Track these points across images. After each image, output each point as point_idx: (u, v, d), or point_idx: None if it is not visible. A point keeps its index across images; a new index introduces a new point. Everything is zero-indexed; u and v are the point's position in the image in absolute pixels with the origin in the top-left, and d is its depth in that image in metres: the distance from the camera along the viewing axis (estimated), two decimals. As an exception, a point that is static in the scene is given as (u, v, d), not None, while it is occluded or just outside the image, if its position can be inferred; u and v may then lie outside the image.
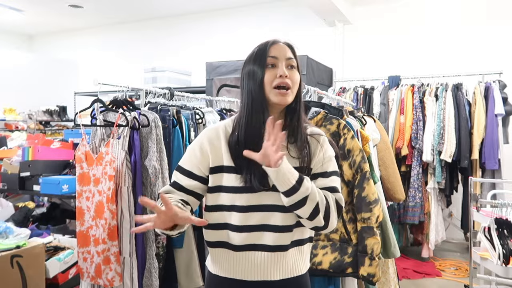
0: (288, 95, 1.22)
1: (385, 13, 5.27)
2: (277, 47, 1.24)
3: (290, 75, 1.22)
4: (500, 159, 3.96)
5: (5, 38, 7.93)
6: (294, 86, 1.23)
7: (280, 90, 1.21)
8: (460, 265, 4.05)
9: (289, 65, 1.24)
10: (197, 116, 2.69)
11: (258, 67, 1.23)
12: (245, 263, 1.23)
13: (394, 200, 2.93)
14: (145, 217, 1.09)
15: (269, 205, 1.21)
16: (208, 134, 1.28)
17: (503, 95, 4.03)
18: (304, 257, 1.30)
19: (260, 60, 1.23)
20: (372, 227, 1.91)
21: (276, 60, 1.22)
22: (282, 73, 1.20)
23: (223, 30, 6.25)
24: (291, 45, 1.27)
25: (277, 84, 1.20)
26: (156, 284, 2.20)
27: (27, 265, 2.49)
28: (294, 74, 1.23)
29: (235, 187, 1.21)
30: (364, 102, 4.53)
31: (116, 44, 7.35)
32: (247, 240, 1.22)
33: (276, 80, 1.20)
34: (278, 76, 1.20)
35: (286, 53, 1.24)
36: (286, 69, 1.22)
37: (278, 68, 1.22)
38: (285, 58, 1.23)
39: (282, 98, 1.21)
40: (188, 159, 1.28)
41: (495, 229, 2.50)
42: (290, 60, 1.24)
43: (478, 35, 4.78)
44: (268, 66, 1.22)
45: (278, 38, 1.28)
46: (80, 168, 2.24)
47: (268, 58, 1.22)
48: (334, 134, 2.01)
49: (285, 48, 1.25)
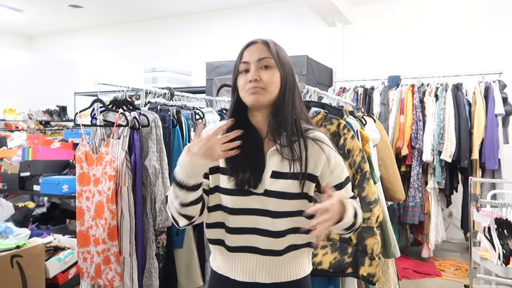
0: (259, 93, 1.17)
1: (385, 13, 5.27)
2: (250, 49, 1.21)
3: (262, 76, 1.18)
4: (500, 159, 3.96)
5: (5, 38, 7.93)
6: (269, 85, 1.18)
7: (252, 90, 1.18)
8: (460, 265, 4.05)
9: (262, 66, 1.19)
10: (197, 116, 2.69)
11: (234, 73, 1.24)
12: (238, 264, 1.23)
13: (394, 200, 2.93)
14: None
15: (260, 209, 1.20)
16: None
17: (503, 95, 4.03)
18: (302, 262, 1.28)
19: (236, 66, 1.23)
20: (372, 227, 1.91)
21: (247, 65, 1.20)
22: (251, 78, 1.18)
23: (223, 30, 6.25)
24: (267, 42, 1.22)
25: (248, 89, 1.18)
26: (156, 284, 2.20)
27: (27, 265, 2.49)
28: (268, 73, 1.19)
29: (228, 189, 1.21)
30: (364, 102, 4.53)
31: (116, 44, 7.35)
32: (240, 242, 1.22)
33: (247, 85, 1.19)
34: (248, 81, 1.18)
35: (258, 54, 1.20)
36: (257, 72, 1.18)
37: (249, 73, 1.19)
38: (255, 60, 1.19)
39: (254, 97, 1.18)
40: None
41: (495, 229, 2.49)
42: (262, 61, 1.19)
43: (478, 35, 4.78)
44: (242, 72, 1.21)
45: (256, 39, 1.24)
46: (80, 168, 2.24)
47: (241, 65, 1.21)
48: (334, 134, 2.01)
49: (258, 49, 1.20)
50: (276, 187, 1.19)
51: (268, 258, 1.22)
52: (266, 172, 1.21)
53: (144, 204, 2.22)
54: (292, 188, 1.20)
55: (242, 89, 1.21)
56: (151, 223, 2.22)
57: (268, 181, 1.20)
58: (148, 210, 2.22)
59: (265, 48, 1.21)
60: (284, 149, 1.20)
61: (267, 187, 1.19)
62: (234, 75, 1.24)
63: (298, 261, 1.27)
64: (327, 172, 1.23)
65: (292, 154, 1.19)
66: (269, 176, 1.20)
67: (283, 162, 1.20)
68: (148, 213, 2.22)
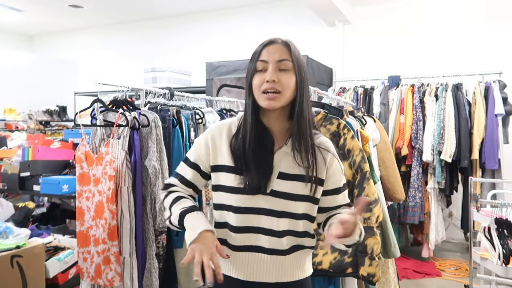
0: (276, 99, 1.16)
1: (385, 13, 5.27)
2: (270, 48, 1.19)
3: (280, 79, 1.16)
4: (500, 159, 3.96)
5: (5, 38, 7.93)
6: (285, 89, 1.17)
7: (267, 94, 1.17)
8: (460, 265, 4.05)
9: (281, 68, 1.18)
10: (197, 116, 2.69)
11: (249, 71, 1.21)
12: (241, 264, 1.24)
13: (394, 200, 2.93)
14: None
15: (265, 209, 1.20)
16: (213, 131, 1.28)
17: (503, 95, 4.03)
18: (305, 262, 1.29)
19: (252, 63, 1.21)
20: (372, 227, 1.91)
21: (265, 64, 1.18)
22: (269, 78, 1.16)
23: (223, 30, 6.25)
24: (288, 44, 1.21)
25: (265, 89, 1.17)
26: (156, 284, 2.20)
27: (27, 265, 2.49)
28: (286, 76, 1.17)
29: (233, 187, 1.21)
30: (364, 102, 4.53)
31: (116, 44, 7.35)
32: (244, 241, 1.22)
33: (264, 85, 1.17)
34: (265, 81, 1.17)
35: (279, 55, 1.18)
36: (275, 73, 1.17)
37: (267, 72, 1.17)
38: (275, 61, 1.17)
39: (269, 103, 1.17)
40: (194, 152, 1.29)
41: (495, 229, 2.49)
42: (282, 63, 1.18)
43: (478, 35, 4.78)
44: (258, 71, 1.19)
45: (276, 38, 1.23)
46: (80, 168, 2.24)
47: (258, 63, 1.19)
48: (334, 134, 2.01)
49: (278, 50, 1.19)
50: (283, 188, 1.20)
51: (272, 258, 1.22)
52: (273, 172, 1.21)
53: (144, 204, 2.22)
54: (298, 190, 1.21)
55: (257, 88, 1.19)
56: (151, 223, 2.22)
57: (275, 181, 1.20)
58: (148, 210, 2.22)
59: (285, 50, 1.20)
60: (296, 152, 1.20)
61: (274, 188, 1.20)
62: (250, 73, 1.21)
63: (301, 262, 1.28)
64: (330, 179, 1.25)
65: (304, 158, 1.20)
66: (276, 176, 1.21)
67: (290, 163, 1.21)
68: (148, 213, 2.22)
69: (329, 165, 1.24)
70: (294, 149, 1.21)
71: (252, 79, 1.20)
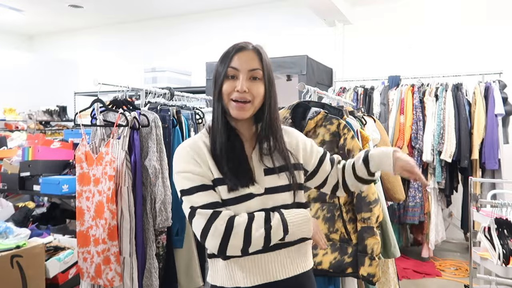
0: (245, 109, 1.16)
1: (385, 13, 5.27)
2: (241, 55, 1.17)
3: (250, 88, 1.16)
4: (500, 159, 3.95)
5: (5, 38, 7.93)
6: (255, 99, 1.17)
7: (237, 103, 1.16)
8: (460, 265, 4.05)
9: (252, 77, 1.17)
10: (197, 116, 2.69)
11: (219, 75, 1.19)
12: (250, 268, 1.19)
13: (394, 200, 2.93)
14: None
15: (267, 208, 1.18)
16: (192, 150, 1.18)
17: (503, 95, 4.02)
18: (308, 254, 1.30)
19: (222, 67, 1.18)
20: (372, 227, 1.91)
21: (236, 71, 1.16)
22: (240, 89, 1.15)
23: (223, 30, 6.25)
24: (260, 52, 1.20)
25: (235, 98, 1.16)
26: (156, 284, 2.20)
27: (27, 265, 2.49)
28: (256, 86, 1.17)
29: (230, 199, 1.15)
30: (364, 102, 4.53)
31: (116, 44, 7.35)
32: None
33: (234, 93, 1.16)
34: (235, 90, 1.15)
35: (250, 64, 1.17)
36: (246, 82, 1.16)
37: (238, 81, 1.16)
38: (247, 69, 1.16)
39: (238, 113, 1.16)
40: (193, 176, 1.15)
41: (495, 229, 2.49)
42: (253, 72, 1.17)
43: (478, 35, 4.78)
44: (228, 77, 1.17)
45: (247, 43, 1.20)
46: (80, 168, 2.24)
47: (229, 69, 1.17)
48: (334, 134, 2.01)
49: (250, 57, 1.18)
50: (274, 182, 1.21)
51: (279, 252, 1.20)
52: (259, 171, 1.20)
53: (144, 204, 2.22)
54: (282, 181, 1.22)
55: (227, 95, 1.17)
56: (151, 223, 2.22)
57: (265, 179, 1.20)
58: (148, 210, 2.22)
59: (256, 58, 1.19)
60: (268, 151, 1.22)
61: (266, 185, 1.19)
62: (220, 79, 1.18)
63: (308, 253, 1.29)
64: (306, 155, 1.33)
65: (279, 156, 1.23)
66: (264, 174, 1.20)
67: (266, 158, 1.22)
68: (148, 213, 2.22)
69: (302, 144, 1.33)
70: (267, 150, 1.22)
71: (222, 85, 1.18)
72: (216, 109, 1.21)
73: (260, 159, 1.22)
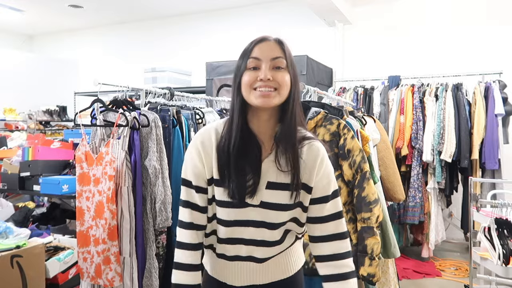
0: (271, 96, 1.07)
1: (385, 13, 5.27)
2: (262, 46, 1.11)
3: (274, 77, 1.08)
4: (500, 159, 3.96)
5: (5, 38, 7.93)
6: (281, 87, 1.09)
7: (261, 91, 1.07)
8: (460, 265, 4.05)
9: (275, 66, 1.09)
10: (197, 116, 2.69)
11: (238, 69, 1.12)
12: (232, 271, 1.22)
13: (394, 200, 2.93)
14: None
15: (256, 221, 1.14)
16: (202, 136, 1.16)
17: (503, 95, 4.03)
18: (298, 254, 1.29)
19: (242, 61, 1.12)
20: (372, 227, 1.91)
21: (258, 62, 1.09)
22: (263, 77, 1.07)
23: (223, 30, 6.25)
24: (281, 42, 1.13)
25: (257, 87, 1.08)
26: (156, 284, 2.20)
27: (27, 265, 2.49)
28: (280, 75, 1.09)
29: (224, 201, 1.13)
30: (364, 102, 4.53)
31: (116, 44, 7.35)
32: (233, 251, 1.20)
33: (257, 83, 1.08)
34: (259, 80, 1.08)
35: (272, 53, 1.10)
36: (270, 71, 1.08)
37: (261, 71, 1.09)
38: (269, 58, 1.09)
39: (264, 100, 1.07)
40: (192, 171, 1.16)
41: (495, 229, 2.49)
42: (276, 61, 1.10)
43: (478, 35, 4.78)
44: (250, 69, 1.10)
45: (268, 35, 1.14)
46: (80, 168, 2.24)
47: (250, 60, 1.10)
48: (334, 134, 2.01)
49: (272, 47, 1.11)
50: (272, 198, 1.13)
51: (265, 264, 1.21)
52: (262, 181, 1.13)
53: (144, 204, 2.22)
54: (288, 199, 1.14)
55: (248, 86, 1.09)
56: (151, 223, 2.22)
57: (264, 192, 1.13)
58: (148, 210, 2.22)
59: (278, 48, 1.12)
60: (282, 158, 1.12)
61: (263, 199, 1.13)
62: (240, 71, 1.12)
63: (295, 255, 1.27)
64: (319, 184, 1.16)
65: (289, 163, 1.12)
66: (265, 187, 1.13)
67: (280, 172, 1.12)
68: (148, 213, 2.22)
69: (317, 170, 1.15)
70: (279, 153, 1.12)
71: (242, 77, 1.10)
72: (236, 104, 1.12)
73: (270, 168, 1.13)
